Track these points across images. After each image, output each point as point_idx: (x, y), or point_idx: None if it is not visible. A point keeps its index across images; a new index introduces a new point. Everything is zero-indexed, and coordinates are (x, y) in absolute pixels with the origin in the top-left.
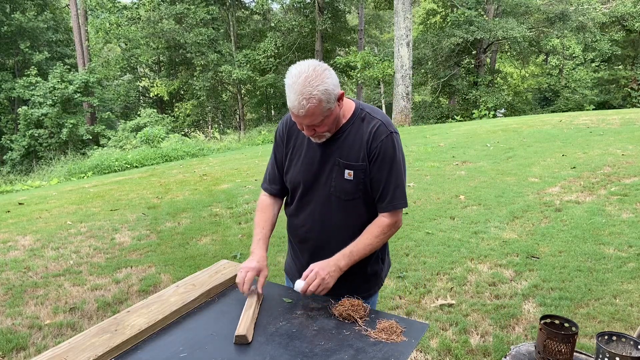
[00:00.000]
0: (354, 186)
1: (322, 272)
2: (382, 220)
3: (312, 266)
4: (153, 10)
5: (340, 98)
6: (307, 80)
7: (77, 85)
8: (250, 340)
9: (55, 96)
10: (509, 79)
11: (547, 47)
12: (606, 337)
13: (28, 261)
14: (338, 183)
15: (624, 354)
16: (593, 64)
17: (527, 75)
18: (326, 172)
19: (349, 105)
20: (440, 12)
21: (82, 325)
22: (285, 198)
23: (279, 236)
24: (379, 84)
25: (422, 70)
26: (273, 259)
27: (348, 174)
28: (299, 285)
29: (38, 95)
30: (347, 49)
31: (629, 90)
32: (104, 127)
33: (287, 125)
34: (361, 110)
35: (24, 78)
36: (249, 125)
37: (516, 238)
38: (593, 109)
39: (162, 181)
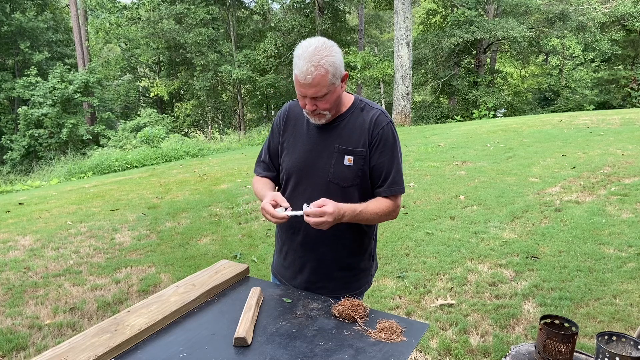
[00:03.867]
0: (353, 172)
1: (329, 217)
2: (385, 200)
3: (326, 201)
4: (153, 10)
5: (344, 79)
6: (317, 49)
7: (77, 85)
8: (249, 342)
9: (55, 96)
10: (509, 79)
11: (547, 47)
12: (606, 337)
13: (28, 261)
14: (337, 169)
15: (624, 354)
16: (593, 64)
17: (527, 75)
18: (324, 158)
19: (348, 97)
20: (440, 12)
21: (82, 325)
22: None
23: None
24: (379, 84)
25: (422, 70)
26: (270, 258)
27: (348, 159)
28: (303, 209)
29: (38, 95)
30: (347, 49)
31: (629, 90)
32: (104, 127)
33: (285, 114)
34: (360, 101)
35: (24, 78)
36: (249, 125)
37: (516, 238)
38: (593, 109)
39: (162, 181)
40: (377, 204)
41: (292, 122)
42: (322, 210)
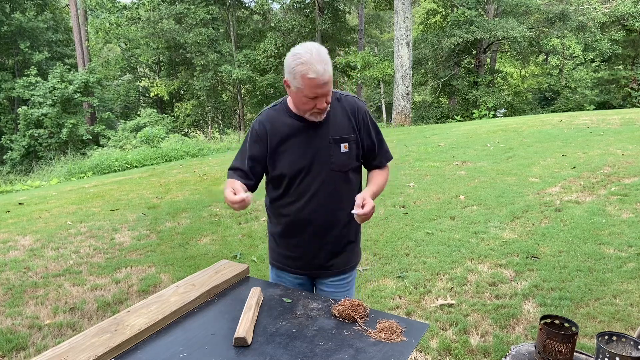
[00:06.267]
0: (351, 157)
1: (371, 203)
2: (384, 169)
3: (363, 197)
4: (153, 10)
5: None
6: (319, 51)
7: (77, 85)
8: (249, 342)
9: (55, 96)
10: (509, 79)
11: (547, 47)
12: (606, 337)
13: (28, 261)
14: (337, 158)
15: (624, 354)
16: (593, 64)
17: (527, 75)
18: (323, 151)
19: None
20: (441, 12)
21: (82, 325)
22: (269, 194)
23: None
24: (379, 84)
25: (422, 70)
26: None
27: (344, 147)
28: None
29: (38, 95)
30: (347, 49)
31: (629, 90)
32: (104, 127)
33: (265, 127)
34: (334, 92)
35: (24, 78)
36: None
37: (516, 238)
38: (593, 109)
39: (162, 181)
40: (380, 177)
41: (276, 132)
42: (369, 206)
